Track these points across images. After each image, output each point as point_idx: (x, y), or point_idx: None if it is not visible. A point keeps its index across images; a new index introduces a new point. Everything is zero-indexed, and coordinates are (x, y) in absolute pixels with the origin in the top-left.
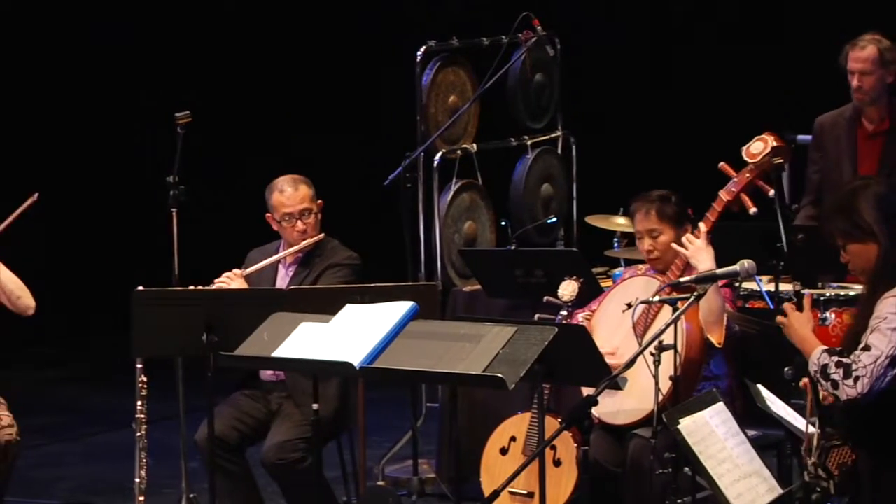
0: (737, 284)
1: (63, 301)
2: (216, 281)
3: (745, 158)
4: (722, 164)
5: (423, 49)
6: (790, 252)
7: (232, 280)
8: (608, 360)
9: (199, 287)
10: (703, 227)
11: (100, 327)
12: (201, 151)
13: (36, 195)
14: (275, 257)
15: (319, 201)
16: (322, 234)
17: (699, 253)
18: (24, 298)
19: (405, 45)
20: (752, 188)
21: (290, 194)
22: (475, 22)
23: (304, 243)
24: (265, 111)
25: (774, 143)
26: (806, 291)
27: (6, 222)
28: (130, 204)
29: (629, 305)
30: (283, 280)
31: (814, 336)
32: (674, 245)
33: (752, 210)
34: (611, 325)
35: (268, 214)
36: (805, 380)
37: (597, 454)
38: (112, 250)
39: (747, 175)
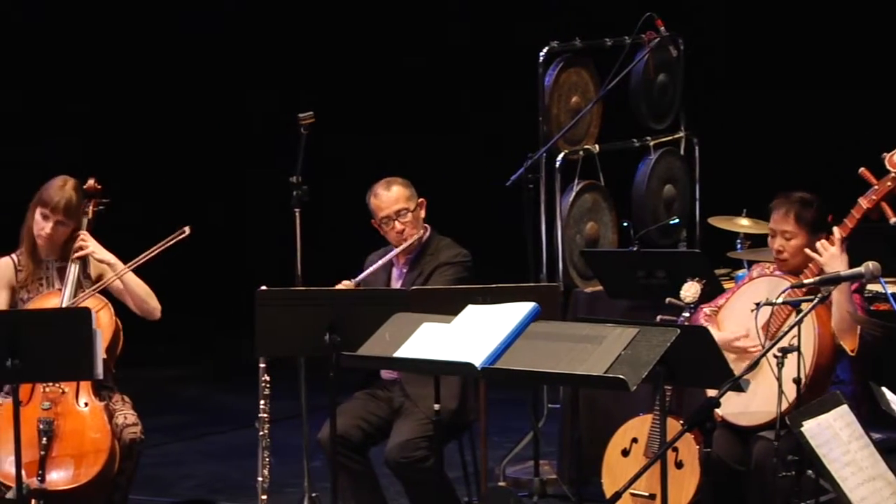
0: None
1: (187, 300)
2: None
3: (888, 167)
4: (862, 169)
5: (545, 50)
6: None
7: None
8: (741, 342)
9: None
10: (838, 232)
11: (223, 327)
12: (327, 151)
13: (187, 229)
14: (380, 262)
15: (421, 199)
16: (422, 232)
17: (833, 260)
18: (150, 303)
19: (528, 46)
20: (894, 197)
21: (383, 197)
22: (598, 22)
23: (403, 245)
24: (391, 112)
25: None
26: None
27: (154, 251)
28: (255, 203)
29: (758, 305)
30: (396, 281)
31: None
32: (807, 251)
33: (893, 220)
34: (738, 323)
35: (372, 220)
36: None
37: (719, 451)
38: (236, 249)
39: (889, 184)
